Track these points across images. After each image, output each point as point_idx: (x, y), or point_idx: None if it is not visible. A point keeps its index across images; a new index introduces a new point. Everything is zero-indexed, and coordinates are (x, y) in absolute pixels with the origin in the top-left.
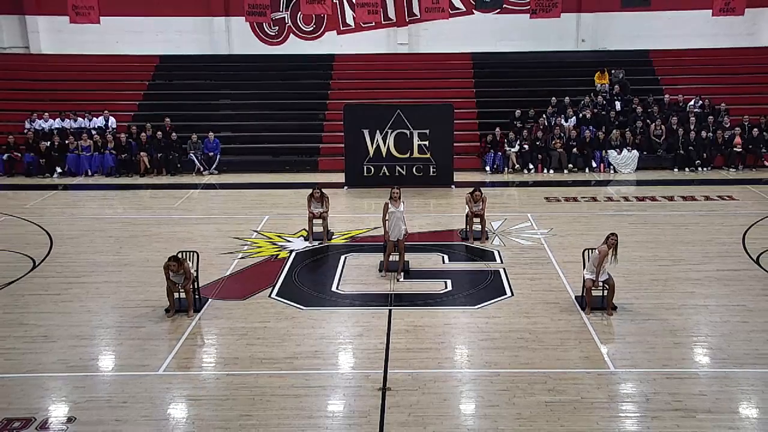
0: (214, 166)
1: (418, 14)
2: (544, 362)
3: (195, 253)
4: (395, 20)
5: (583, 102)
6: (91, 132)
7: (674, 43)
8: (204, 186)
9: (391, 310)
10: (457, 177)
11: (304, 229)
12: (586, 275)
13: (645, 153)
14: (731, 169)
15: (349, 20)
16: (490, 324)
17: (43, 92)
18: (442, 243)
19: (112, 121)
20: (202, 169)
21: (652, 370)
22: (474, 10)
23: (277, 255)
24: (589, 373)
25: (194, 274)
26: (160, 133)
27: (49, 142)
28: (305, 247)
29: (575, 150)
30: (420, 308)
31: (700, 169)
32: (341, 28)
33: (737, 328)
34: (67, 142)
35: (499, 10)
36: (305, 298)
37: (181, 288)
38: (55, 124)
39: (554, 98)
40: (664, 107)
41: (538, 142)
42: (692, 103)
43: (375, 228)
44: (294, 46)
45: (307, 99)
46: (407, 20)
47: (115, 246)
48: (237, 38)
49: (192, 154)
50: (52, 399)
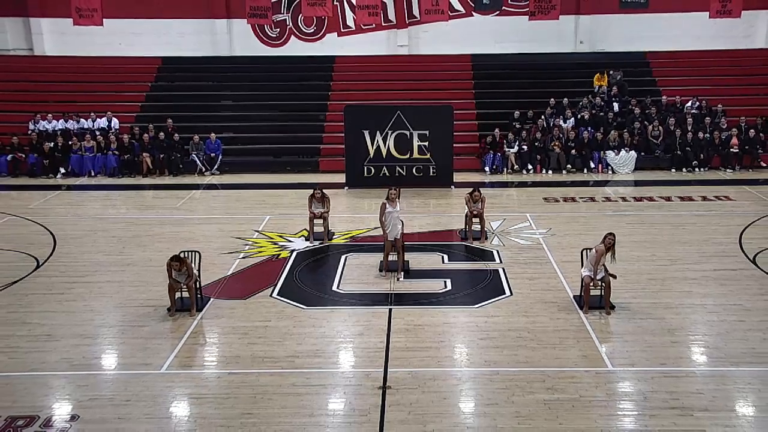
0: (216, 167)
1: (418, 16)
2: (543, 361)
3: (197, 253)
4: (395, 22)
5: (582, 103)
6: (95, 133)
7: (672, 45)
8: (206, 186)
9: (391, 310)
10: (457, 177)
11: (305, 229)
12: (584, 273)
13: (643, 154)
14: (728, 170)
15: (350, 22)
16: (490, 323)
17: (47, 93)
18: (442, 243)
19: (115, 122)
20: (204, 169)
21: (650, 369)
22: (473, 12)
23: (278, 255)
24: (587, 372)
25: (196, 273)
26: (162, 133)
27: (52, 143)
28: (306, 247)
29: (574, 151)
30: (420, 307)
31: (697, 169)
32: (342, 30)
33: (734, 327)
34: (70, 143)
35: (498, 12)
36: (306, 298)
37: (183, 285)
38: (59, 125)
39: (553, 99)
40: (661, 108)
41: (537, 143)
42: (689, 104)
43: (375, 228)
44: (295, 48)
45: (308, 100)
46: (407, 22)
47: (118, 246)
48: (238, 40)
49: (194, 155)
50: (55, 397)
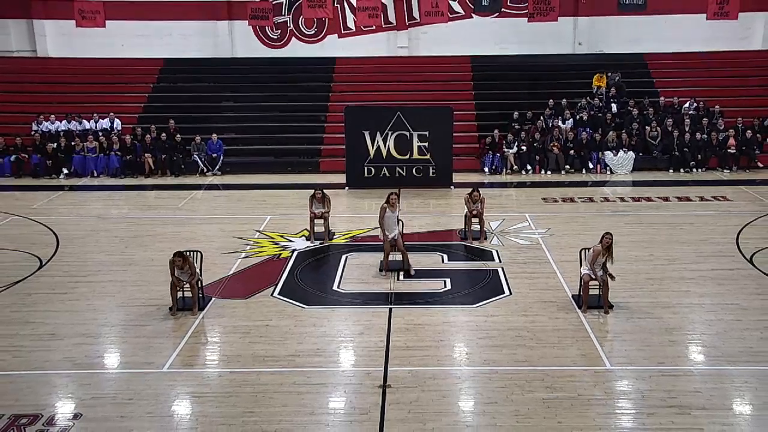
0: (218, 167)
1: (418, 18)
2: (542, 360)
3: (198, 253)
4: (395, 24)
5: (580, 104)
6: (97, 134)
7: (669, 47)
8: (207, 187)
9: (391, 309)
10: (457, 178)
11: (306, 229)
12: (583, 271)
13: (641, 154)
14: (725, 171)
15: (350, 24)
16: (489, 322)
17: (50, 95)
18: (442, 243)
19: (117, 123)
20: (205, 170)
21: (648, 368)
22: (473, 14)
23: (279, 255)
24: (586, 371)
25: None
26: (164, 134)
27: (55, 144)
28: (307, 247)
29: (572, 151)
30: (420, 307)
31: (695, 170)
32: (342, 32)
33: (731, 326)
34: (73, 143)
35: (497, 13)
36: (307, 297)
37: (186, 283)
38: (62, 126)
39: (552, 100)
40: (659, 109)
41: (536, 144)
42: (687, 105)
43: (375, 228)
44: (296, 49)
45: (309, 101)
46: (407, 24)
47: (121, 246)
48: (240, 42)
49: (196, 156)
50: (58, 396)
